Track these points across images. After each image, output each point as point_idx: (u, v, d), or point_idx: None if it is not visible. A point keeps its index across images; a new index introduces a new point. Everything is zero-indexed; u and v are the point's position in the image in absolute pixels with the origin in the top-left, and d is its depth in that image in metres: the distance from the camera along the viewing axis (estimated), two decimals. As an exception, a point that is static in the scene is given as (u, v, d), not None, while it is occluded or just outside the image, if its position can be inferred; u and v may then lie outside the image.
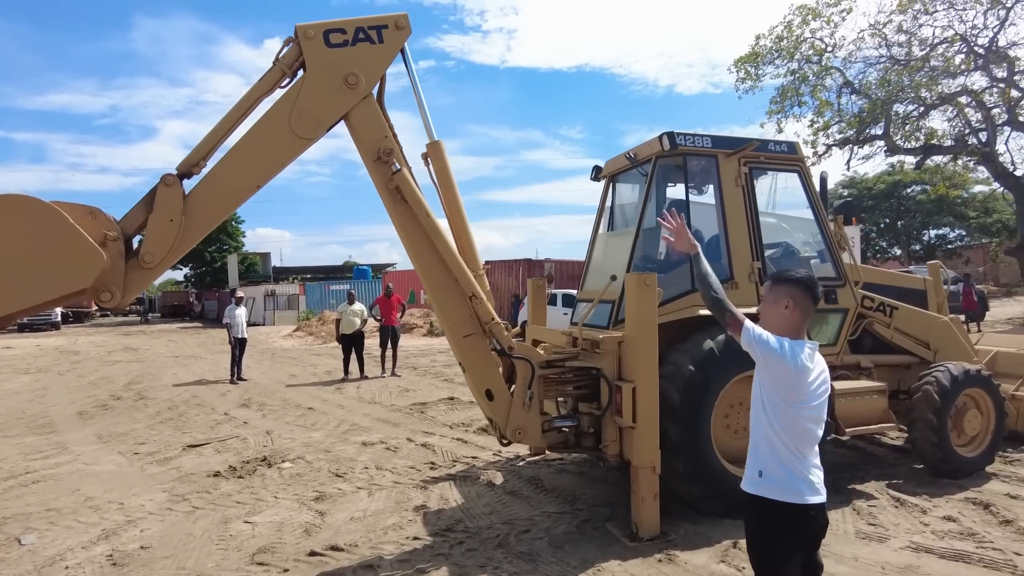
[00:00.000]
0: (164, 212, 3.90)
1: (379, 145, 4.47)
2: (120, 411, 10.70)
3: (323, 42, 4.25)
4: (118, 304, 3.87)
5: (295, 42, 4.23)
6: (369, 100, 4.45)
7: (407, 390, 11.86)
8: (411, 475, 6.40)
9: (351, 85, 4.32)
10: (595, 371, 4.94)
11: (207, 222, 4.11)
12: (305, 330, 27.66)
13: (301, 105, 4.23)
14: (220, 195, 4.13)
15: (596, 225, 6.75)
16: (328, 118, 4.33)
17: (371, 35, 4.36)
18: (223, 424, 9.32)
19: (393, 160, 4.49)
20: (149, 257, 3.88)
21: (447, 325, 4.78)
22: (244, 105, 4.18)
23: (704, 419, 4.87)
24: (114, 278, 3.77)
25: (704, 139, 5.54)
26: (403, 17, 4.44)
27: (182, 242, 3.96)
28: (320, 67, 4.26)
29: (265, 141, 4.20)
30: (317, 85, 4.27)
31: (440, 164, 4.85)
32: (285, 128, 4.20)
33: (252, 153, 4.18)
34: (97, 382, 14.63)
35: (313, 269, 59.36)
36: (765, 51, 21.29)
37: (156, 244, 3.89)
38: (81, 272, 3.56)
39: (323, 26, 4.25)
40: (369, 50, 4.36)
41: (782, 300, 2.58)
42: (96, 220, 3.73)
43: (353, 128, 4.47)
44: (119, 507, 5.71)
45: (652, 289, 4.64)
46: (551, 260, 28.79)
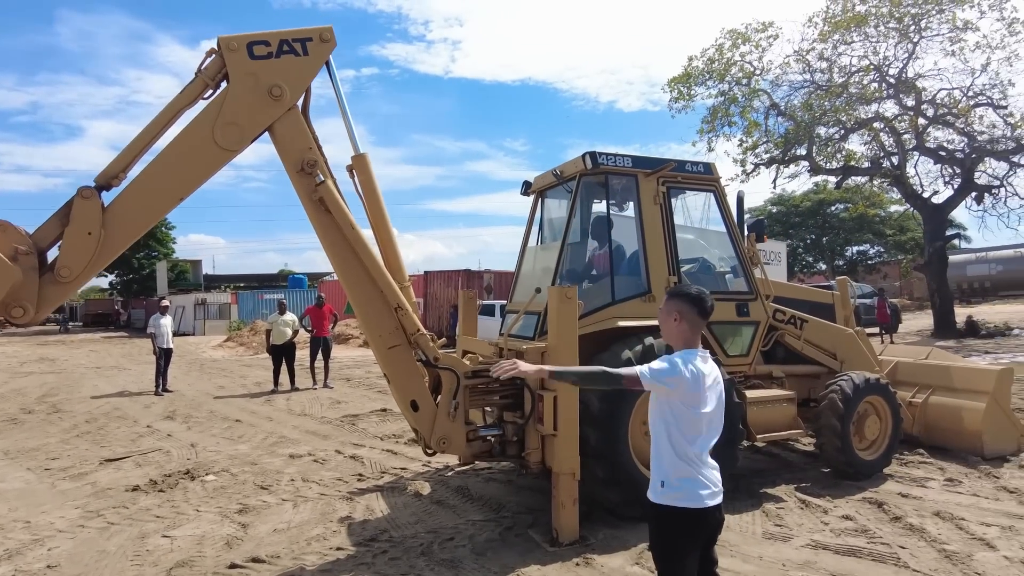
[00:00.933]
0: (81, 225, 3.83)
1: (303, 157, 4.51)
2: (31, 425, 10.20)
3: (247, 54, 4.27)
4: (31, 320, 3.76)
5: (218, 54, 4.24)
6: (293, 112, 4.49)
7: (339, 402, 11.74)
8: (338, 487, 6.38)
9: (275, 97, 4.36)
10: (519, 381, 5.07)
11: (127, 235, 4.05)
12: (236, 340, 26.88)
13: (225, 117, 4.23)
14: (141, 208, 4.08)
15: (525, 238, 6.93)
16: (252, 130, 4.34)
17: (295, 47, 4.40)
18: (145, 437, 9.02)
19: (317, 172, 4.54)
20: (66, 271, 3.80)
21: (372, 336, 4.83)
22: (166, 117, 4.16)
23: (622, 426, 5.07)
24: (27, 294, 3.67)
25: (625, 159, 5.79)
26: (328, 30, 4.50)
27: (100, 256, 3.89)
28: (243, 79, 4.28)
29: (188, 153, 4.18)
30: (241, 97, 4.28)
31: (365, 176, 4.91)
32: (208, 140, 4.20)
33: (175, 165, 4.15)
34: (6, 395, 13.86)
35: (247, 277, 57.76)
36: (697, 72, 22.14)
37: (73, 258, 3.81)
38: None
39: (246, 38, 4.27)
40: (294, 62, 4.40)
41: (672, 313, 2.78)
42: (6, 234, 3.64)
43: (277, 140, 4.50)
44: (25, 526, 5.48)
45: (573, 302, 4.81)
46: (491, 271, 28.96)
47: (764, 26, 21.37)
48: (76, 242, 3.82)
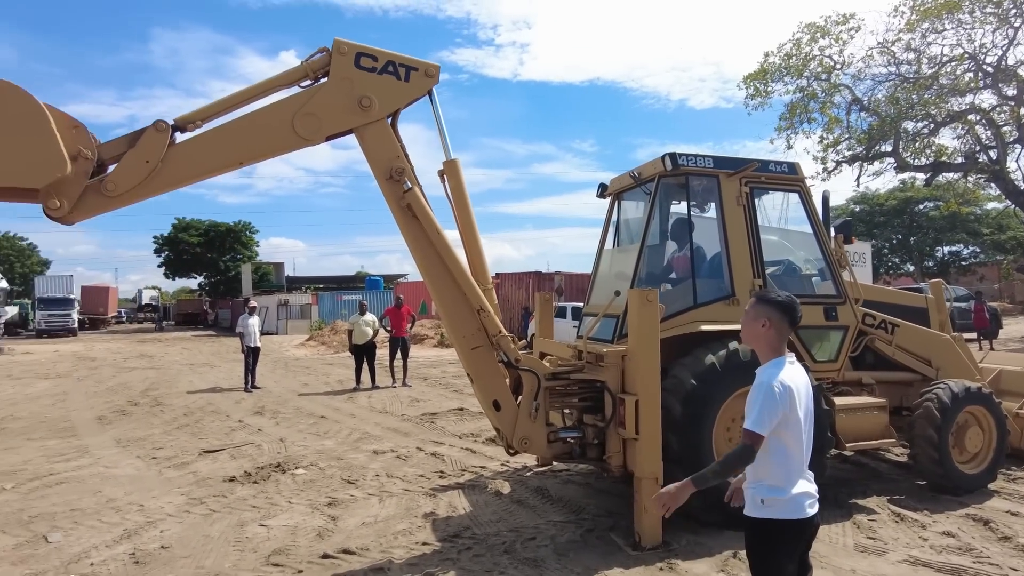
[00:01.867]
0: (144, 152, 4.01)
1: (391, 165, 4.69)
2: (137, 417, 10.96)
3: (353, 61, 4.51)
4: (63, 217, 3.88)
5: (328, 52, 4.48)
6: (382, 123, 4.68)
7: (417, 400, 12.05)
8: (421, 483, 6.57)
9: (363, 107, 4.55)
10: (599, 384, 5.10)
11: (179, 178, 4.20)
12: (317, 340, 27.94)
13: (310, 107, 4.46)
14: (202, 157, 4.27)
15: (602, 241, 6.94)
16: (329, 128, 4.55)
17: (399, 72, 4.61)
18: (238, 431, 9.54)
19: (405, 179, 4.71)
20: (112, 186, 3.97)
21: (456, 337, 4.97)
22: (260, 88, 4.42)
23: (705, 431, 5.02)
24: (69, 191, 3.84)
25: (706, 159, 5.72)
26: (435, 67, 4.71)
27: (146, 185, 4.04)
28: (340, 81, 4.51)
29: (264, 126, 4.40)
30: (332, 95, 4.50)
31: (455, 181, 5.06)
32: (287, 122, 4.41)
33: (248, 132, 4.36)
34: (115, 388, 14.93)
35: (326, 279, 59.82)
36: (774, 68, 21.46)
37: (123, 177, 3.98)
38: (39, 171, 3.67)
39: (358, 47, 4.51)
40: (392, 84, 4.61)
41: (760, 319, 2.74)
42: (77, 134, 3.83)
43: (366, 148, 4.70)
44: (139, 508, 5.91)
45: (654, 305, 4.80)
46: (561, 273, 28.99)
47: (845, 18, 20.51)
48: (132, 165, 4.01)
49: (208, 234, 57.11)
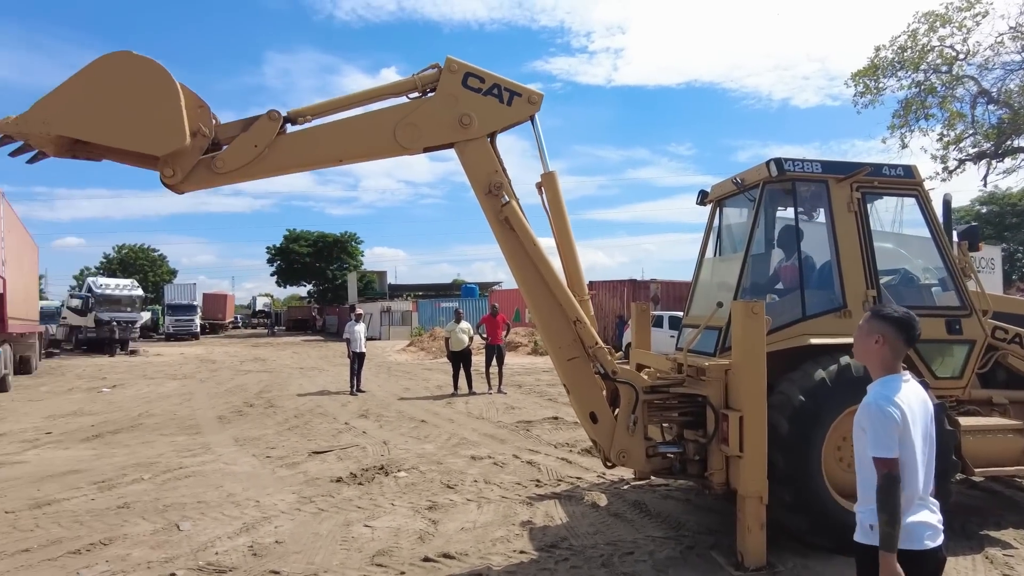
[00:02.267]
0: (254, 137, 4.34)
1: (490, 180, 4.79)
2: (253, 417, 11.71)
3: (460, 79, 4.67)
4: (174, 184, 4.24)
5: (439, 68, 4.67)
6: (482, 140, 4.79)
7: (512, 407, 12.18)
8: (517, 491, 6.64)
9: (463, 124, 4.69)
10: (701, 398, 4.98)
11: (281, 165, 4.50)
12: (417, 345, 28.82)
13: (412, 118, 4.65)
14: (306, 149, 4.55)
15: (703, 249, 6.77)
16: (428, 139, 4.71)
17: (503, 95, 4.74)
18: (344, 433, 10.00)
19: (503, 193, 4.80)
20: (221, 163, 4.30)
21: (552, 348, 5.00)
22: (370, 94, 4.68)
23: (814, 450, 4.79)
24: (184, 163, 4.20)
25: (814, 164, 5.47)
26: (539, 95, 4.82)
27: (252, 168, 4.36)
28: (446, 97, 4.68)
29: (367, 130, 4.63)
30: (435, 109, 4.68)
31: (552, 193, 5.10)
32: (388, 129, 4.61)
33: (350, 133, 4.61)
34: (233, 390, 16.03)
35: (425, 287, 61.63)
36: (886, 63, 20.19)
37: (231, 158, 4.32)
38: (162, 140, 4.03)
39: (468, 68, 4.67)
40: (494, 106, 4.73)
41: (874, 335, 2.59)
42: (200, 113, 4.20)
43: (466, 163, 4.82)
44: (256, 504, 6.32)
45: (760, 317, 4.63)
46: (657, 281, 28.45)
47: (970, 3, 18.96)
48: (242, 148, 4.33)
49: (317, 244, 60.39)
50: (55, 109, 3.89)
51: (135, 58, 4.00)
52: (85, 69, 3.97)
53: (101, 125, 3.96)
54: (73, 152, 4.19)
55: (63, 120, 3.91)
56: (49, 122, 3.88)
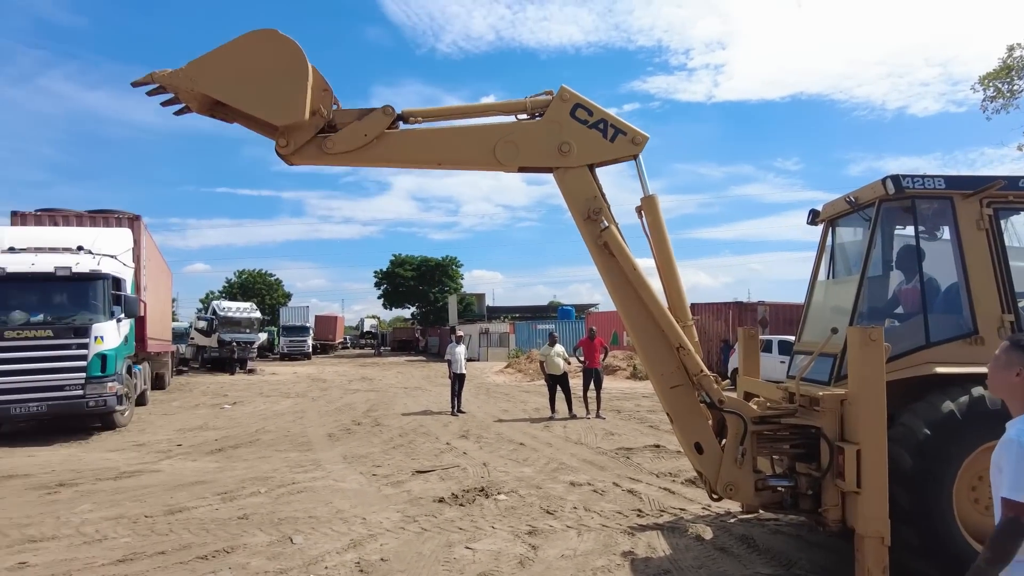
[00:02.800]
0: (366, 127, 4.63)
1: (588, 206, 4.81)
2: (360, 435, 12.18)
3: (569, 109, 4.78)
4: (287, 156, 4.59)
5: (551, 95, 4.79)
6: (581, 168, 4.82)
7: (612, 433, 11.99)
8: (618, 520, 6.51)
9: (562, 152, 4.75)
10: (814, 430, 4.71)
11: (385, 157, 4.75)
12: (515, 367, 29.03)
13: (514, 136, 4.77)
14: (409, 148, 4.76)
15: (815, 271, 6.44)
16: (525, 160, 4.80)
17: (608, 131, 4.80)
18: (446, 453, 10.20)
19: (601, 218, 4.80)
20: (331, 144, 4.60)
21: (654, 375, 4.90)
22: (480, 108, 4.90)
23: (944, 489, 4.40)
24: (299, 137, 4.55)
25: (936, 180, 5.10)
26: (643, 137, 4.85)
27: (358, 154, 4.65)
28: (550, 123, 4.78)
29: (468, 141, 4.80)
30: (538, 132, 4.78)
31: (653, 217, 5.05)
32: (489, 143, 4.76)
33: (455, 140, 4.80)
34: (342, 408, 16.76)
35: (522, 309, 62.24)
36: (1021, 63, 18.54)
37: (341, 142, 4.61)
38: (284, 112, 4.40)
39: (579, 99, 4.78)
40: (596, 140, 4.79)
41: (1014, 367, 2.36)
42: (324, 96, 4.55)
43: (564, 189, 4.87)
44: (362, 521, 6.55)
45: (878, 344, 4.35)
46: (765, 303, 27.27)
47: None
48: (353, 134, 4.61)
49: (420, 268, 62.62)
50: (203, 70, 4.37)
51: (278, 36, 4.42)
52: (235, 40, 4.44)
53: (236, 90, 4.40)
54: (212, 112, 4.65)
55: (207, 80, 4.38)
56: (196, 80, 4.36)
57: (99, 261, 12.81)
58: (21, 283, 12.09)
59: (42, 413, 11.83)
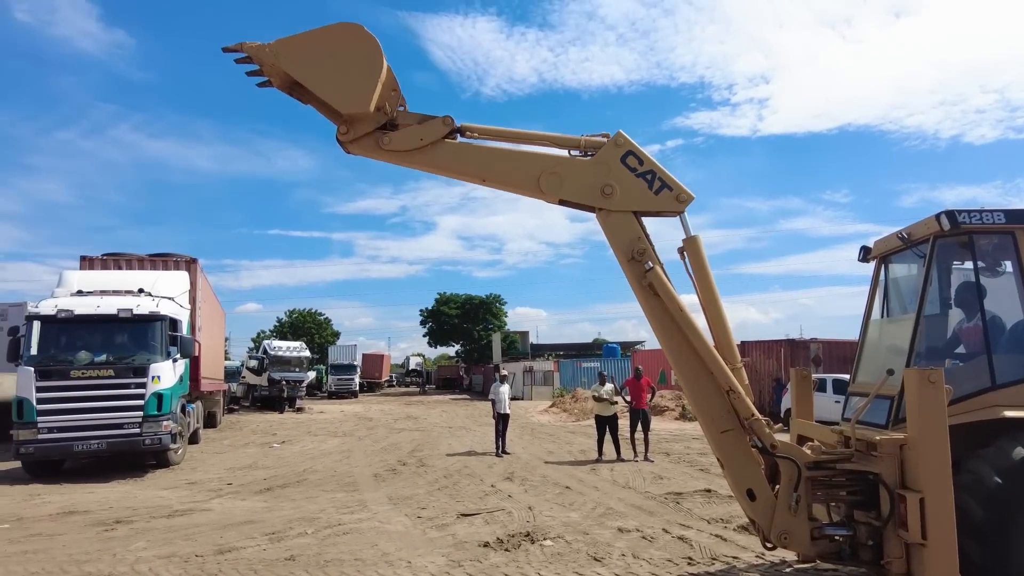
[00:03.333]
0: (424, 132, 4.79)
1: (632, 247, 4.79)
2: (405, 476, 12.18)
3: (621, 155, 4.83)
4: (345, 143, 4.78)
5: (606, 138, 4.86)
6: (626, 212, 4.82)
7: (661, 477, 11.69)
8: (668, 568, 6.31)
9: (604, 194, 4.76)
10: (873, 476, 4.51)
11: (435, 164, 4.90)
12: (559, 406, 28.75)
13: (560, 169, 4.84)
14: (458, 159, 4.90)
15: (868, 309, 6.25)
16: (567, 193, 4.84)
17: (654, 183, 4.82)
18: (490, 496, 10.09)
19: (646, 259, 4.77)
20: (387, 141, 4.78)
21: (703, 419, 4.79)
22: (537, 136, 4.98)
23: (1019, 541, 4.14)
24: (359, 127, 4.76)
25: (995, 215, 4.93)
26: (688, 195, 4.83)
27: (411, 155, 4.82)
28: (599, 164, 4.83)
29: (519, 164, 4.89)
30: (583, 169, 4.83)
31: (696, 258, 4.97)
32: (536, 170, 4.85)
33: (504, 161, 4.89)
34: (387, 448, 16.82)
35: (566, 346, 61.80)
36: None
37: (399, 141, 4.80)
38: (350, 101, 4.62)
39: (632, 146, 4.84)
40: (641, 189, 4.82)
41: None
42: (392, 95, 4.78)
43: (608, 231, 4.85)
44: (407, 565, 6.50)
45: (939, 386, 4.17)
46: (818, 340, 26.45)
47: None
48: (410, 136, 4.80)
49: (464, 306, 63.15)
50: (288, 49, 4.65)
51: (361, 31, 4.67)
52: (322, 28, 4.70)
53: (313, 72, 4.64)
54: (291, 90, 4.90)
55: (289, 58, 4.64)
56: (279, 56, 4.63)
57: (158, 303, 13.34)
58: (87, 324, 12.66)
59: (102, 450, 12.24)
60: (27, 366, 12.03)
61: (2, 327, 17.33)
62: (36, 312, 12.54)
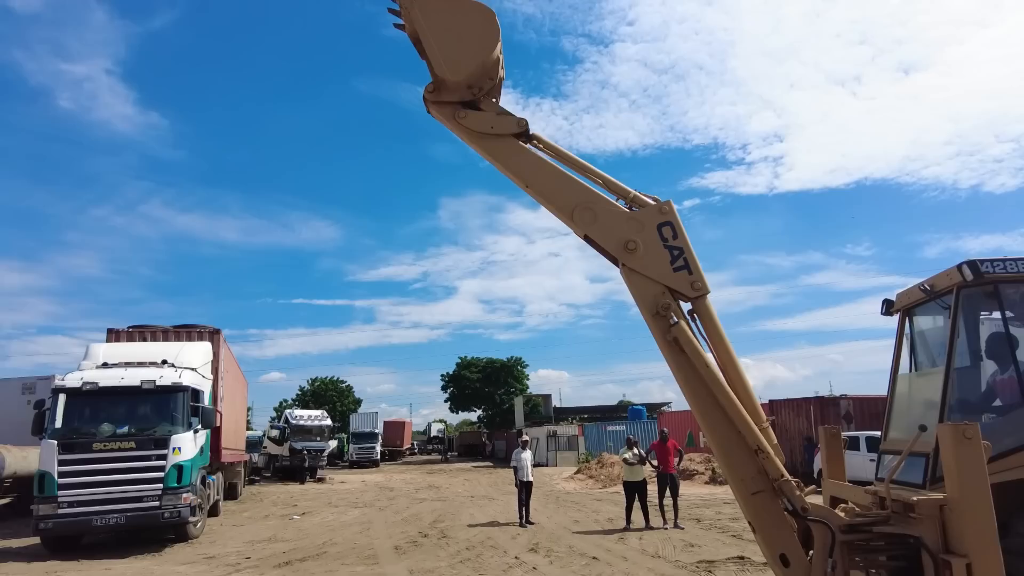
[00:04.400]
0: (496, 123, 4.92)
1: (657, 301, 4.69)
2: (427, 548, 11.82)
3: (660, 221, 4.73)
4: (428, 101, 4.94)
5: (656, 201, 4.85)
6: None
7: (691, 545, 11.21)
8: (702, 643, 5.96)
9: (628, 249, 4.72)
10: (912, 540, 4.27)
11: (493, 154, 4.97)
12: (585, 473, 28.00)
13: (597, 207, 4.82)
14: (516, 160, 4.95)
15: (895, 363, 6.09)
16: (592, 231, 4.80)
17: (676, 260, 4.69)
18: (514, 568, 9.73)
19: (671, 314, 4.69)
20: (462, 116, 4.91)
21: (733, 480, 4.60)
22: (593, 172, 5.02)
23: (1078, 611, 3.86)
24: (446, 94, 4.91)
25: (1019, 263, 4.84)
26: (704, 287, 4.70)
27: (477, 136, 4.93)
28: (635, 220, 4.77)
29: (562, 185, 4.93)
30: (619, 218, 4.79)
31: (707, 319, 4.84)
32: (574, 200, 4.86)
33: (549, 176, 4.93)
34: (408, 519, 16.41)
35: (590, 409, 60.80)
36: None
37: (473, 120, 4.92)
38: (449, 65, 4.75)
39: (673, 219, 4.74)
40: (662, 260, 4.69)
41: None
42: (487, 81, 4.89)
43: (631, 286, 4.79)
44: (428, 643, 6.23)
45: (976, 442, 3.98)
46: (847, 396, 25.71)
47: None
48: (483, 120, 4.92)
49: (485, 370, 62.72)
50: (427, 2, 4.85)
51: (493, 18, 4.87)
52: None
53: (433, 27, 4.82)
54: (416, 42, 5.02)
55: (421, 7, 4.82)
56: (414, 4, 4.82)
57: (180, 374, 13.43)
58: (111, 396, 12.75)
59: (120, 524, 12.10)
60: (50, 439, 12.08)
61: (30, 400, 17.52)
62: (62, 385, 12.68)
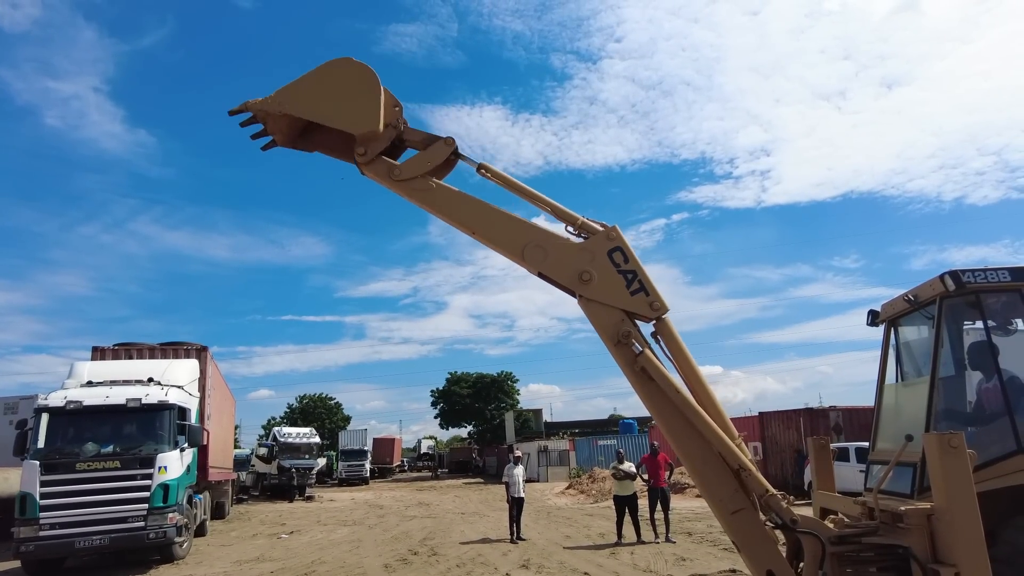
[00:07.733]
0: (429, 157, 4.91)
1: (617, 329, 4.59)
2: (417, 566, 11.68)
3: (609, 248, 4.69)
4: (362, 164, 4.88)
5: (602, 227, 4.78)
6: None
7: (683, 559, 11.16)
8: (693, 658, 5.91)
9: (582, 280, 4.64)
10: (902, 550, 4.28)
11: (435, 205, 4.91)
12: (576, 487, 27.87)
13: (547, 244, 4.75)
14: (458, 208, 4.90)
15: (881, 374, 6.13)
16: (546, 268, 4.75)
17: (633, 285, 4.64)
18: (504, 585, 9.62)
19: (632, 342, 4.58)
20: (398, 172, 4.87)
21: (713, 501, 4.54)
22: (538, 199, 4.95)
23: (1066, 619, 3.86)
24: (375, 147, 4.88)
25: (999, 273, 4.90)
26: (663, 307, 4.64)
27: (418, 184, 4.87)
28: (585, 251, 4.71)
29: (508, 228, 4.84)
30: (568, 251, 4.73)
31: (669, 338, 4.77)
32: (522, 240, 4.78)
33: (497, 221, 4.85)
34: (398, 536, 16.23)
35: (581, 424, 60.74)
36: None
37: (408, 169, 4.90)
38: (361, 122, 4.79)
39: (622, 244, 4.70)
40: (618, 286, 4.65)
41: None
42: (395, 111, 4.93)
43: (589, 314, 4.66)
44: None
45: (961, 451, 4.01)
46: (836, 408, 25.77)
47: None
48: (418, 163, 4.90)
49: (476, 385, 62.49)
50: (289, 95, 4.89)
51: (352, 61, 4.93)
52: (315, 69, 4.95)
53: (319, 107, 4.86)
54: (294, 143, 5.09)
55: (294, 102, 4.86)
56: (283, 103, 4.84)
57: (166, 392, 13.26)
58: (95, 415, 12.54)
59: (104, 546, 11.86)
60: (32, 460, 11.87)
61: (12, 420, 17.26)
62: (45, 404, 12.48)
